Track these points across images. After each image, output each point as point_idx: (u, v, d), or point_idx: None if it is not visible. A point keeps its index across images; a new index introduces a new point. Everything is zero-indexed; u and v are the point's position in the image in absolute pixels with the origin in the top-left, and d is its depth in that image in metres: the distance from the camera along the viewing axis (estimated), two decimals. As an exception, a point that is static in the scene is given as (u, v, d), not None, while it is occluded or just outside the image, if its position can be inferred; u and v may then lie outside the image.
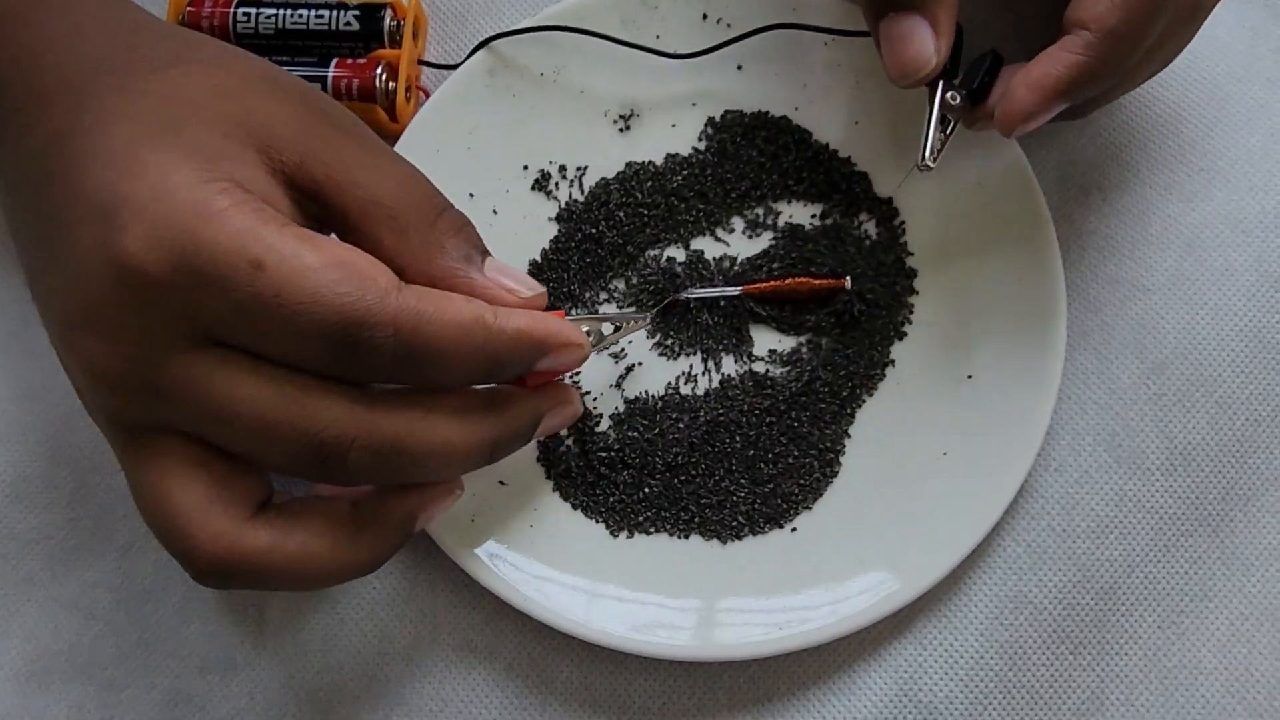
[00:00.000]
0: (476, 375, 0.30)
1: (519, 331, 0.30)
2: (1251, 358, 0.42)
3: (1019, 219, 0.42)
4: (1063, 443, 0.41)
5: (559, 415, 0.35)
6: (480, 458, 0.31)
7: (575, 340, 0.32)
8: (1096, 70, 0.34)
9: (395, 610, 0.40)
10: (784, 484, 0.41)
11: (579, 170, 0.44)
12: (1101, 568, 0.40)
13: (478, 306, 0.30)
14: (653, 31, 0.45)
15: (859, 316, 0.42)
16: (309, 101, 0.32)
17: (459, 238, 0.32)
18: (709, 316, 0.42)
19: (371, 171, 0.31)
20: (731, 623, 0.38)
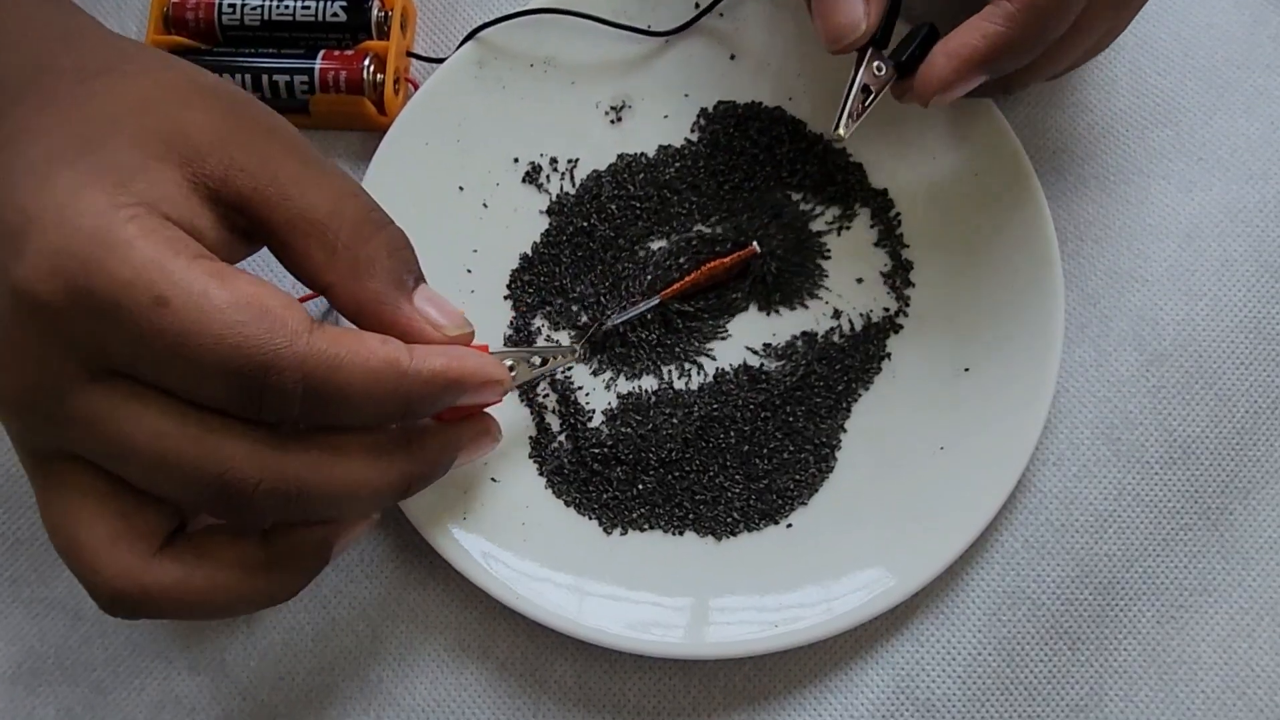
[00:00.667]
0: (390, 417, 0.29)
1: (433, 374, 0.29)
2: (1251, 349, 0.41)
3: (1016, 210, 0.41)
4: (1061, 436, 0.41)
5: (477, 448, 0.34)
6: (393, 495, 0.31)
7: (495, 377, 0.31)
8: (1015, 42, 0.34)
9: (387, 610, 0.40)
10: (779, 479, 0.40)
11: (570, 162, 0.44)
12: (1100, 562, 0.40)
13: (392, 349, 0.28)
14: (643, 20, 0.44)
15: (778, 274, 0.42)
16: (239, 110, 0.30)
17: (392, 260, 0.31)
18: (640, 333, 0.42)
19: (301, 184, 0.30)
20: (727, 620, 0.38)
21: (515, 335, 0.42)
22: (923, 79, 0.35)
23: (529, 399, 0.41)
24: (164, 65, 0.32)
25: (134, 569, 0.28)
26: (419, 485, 0.31)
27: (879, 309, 0.42)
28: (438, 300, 0.31)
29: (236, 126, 0.30)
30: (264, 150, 0.30)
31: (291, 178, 0.29)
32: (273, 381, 0.26)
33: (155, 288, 0.26)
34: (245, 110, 0.31)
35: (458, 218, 0.43)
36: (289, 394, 0.27)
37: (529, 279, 0.43)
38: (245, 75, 0.44)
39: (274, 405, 0.27)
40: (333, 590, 0.40)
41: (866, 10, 0.35)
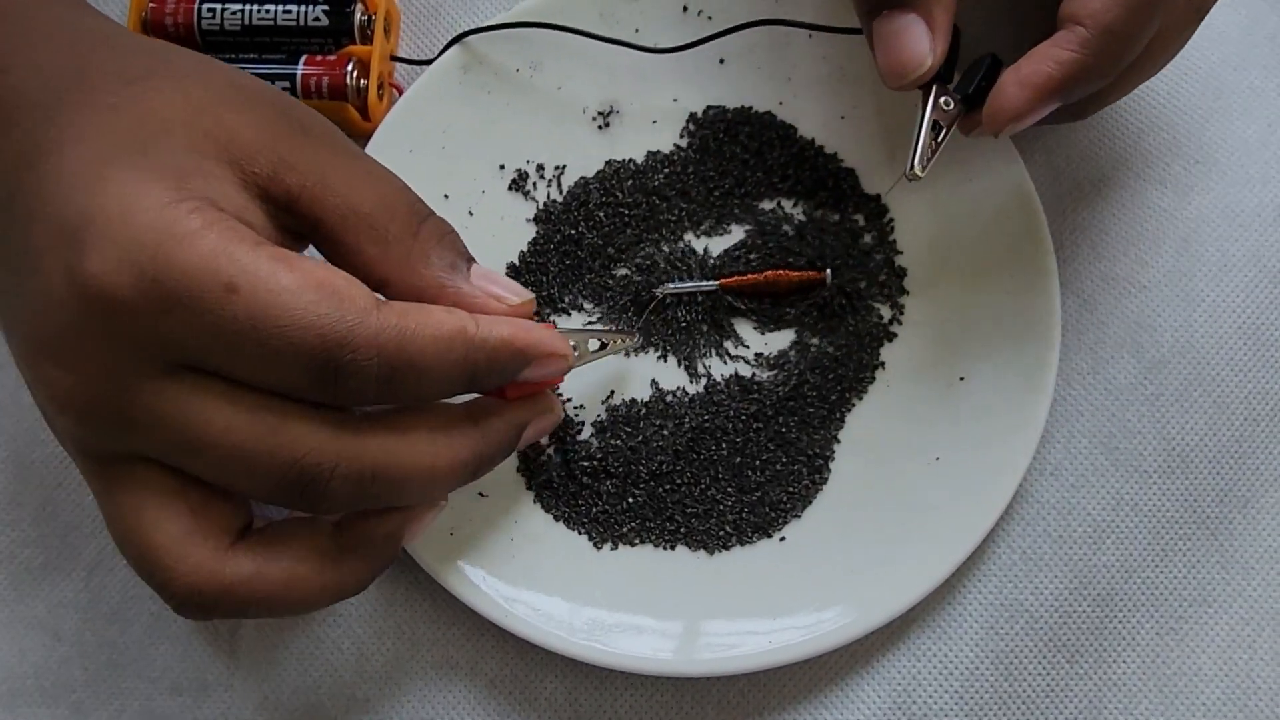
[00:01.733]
0: (458, 387, 0.30)
1: (501, 341, 0.30)
2: (1250, 355, 0.41)
3: (1011, 215, 0.40)
4: (1058, 445, 0.40)
5: (540, 424, 0.34)
6: (464, 475, 0.31)
7: (559, 350, 0.32)
8: (1091, 68, 0.33)
9: (373, 627, 0.39)
10: (772, 492, 0.39)
11: (557, 169, 0.43)
12: (1098, 573, 0.39)
13: (459, 318, 0.29)
14: (632, 25, 0.44)
15: (841, 311, 0.41)
16: (282, 109, 0.31)
17: (442, 246, 0.31)
18: (685, 313, 0.41)
19: (348, 180, 0.30)
20: (719, 637, 0.37)
21: (502, 346, 0.41)
22: (994, 108, 0.34)
23: (517, 411, 0.40)
24: (206, 67, 0.32)
25: (209, 565, 0.28)
26: (487, 465, 0.32)
27: (873, 317, 0.42)
28: (494, 276, 0.32)
29: (283, 127, 0.30)
30: (310, 149, 0.30)
31: (339, 174, 0.30)
32: (348, 359, 0.26)
33: (224, 274, 0.26)
34: (290, 111, 0.31)
35: None
36: (365, 371, 0.27)
37: (516, 288, 0.42)
38: (225, 82, 0.43)
39: (350, 384, 0.27)
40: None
41: (932, 46, 0.34)
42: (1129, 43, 0.33)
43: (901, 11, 0.34)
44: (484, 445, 0.31)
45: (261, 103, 0.31)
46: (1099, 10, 0.32)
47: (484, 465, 0.32)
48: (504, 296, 0.31)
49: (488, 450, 0.31)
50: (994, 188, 0.41)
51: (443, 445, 0.30)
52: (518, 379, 0.31)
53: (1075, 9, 0.33)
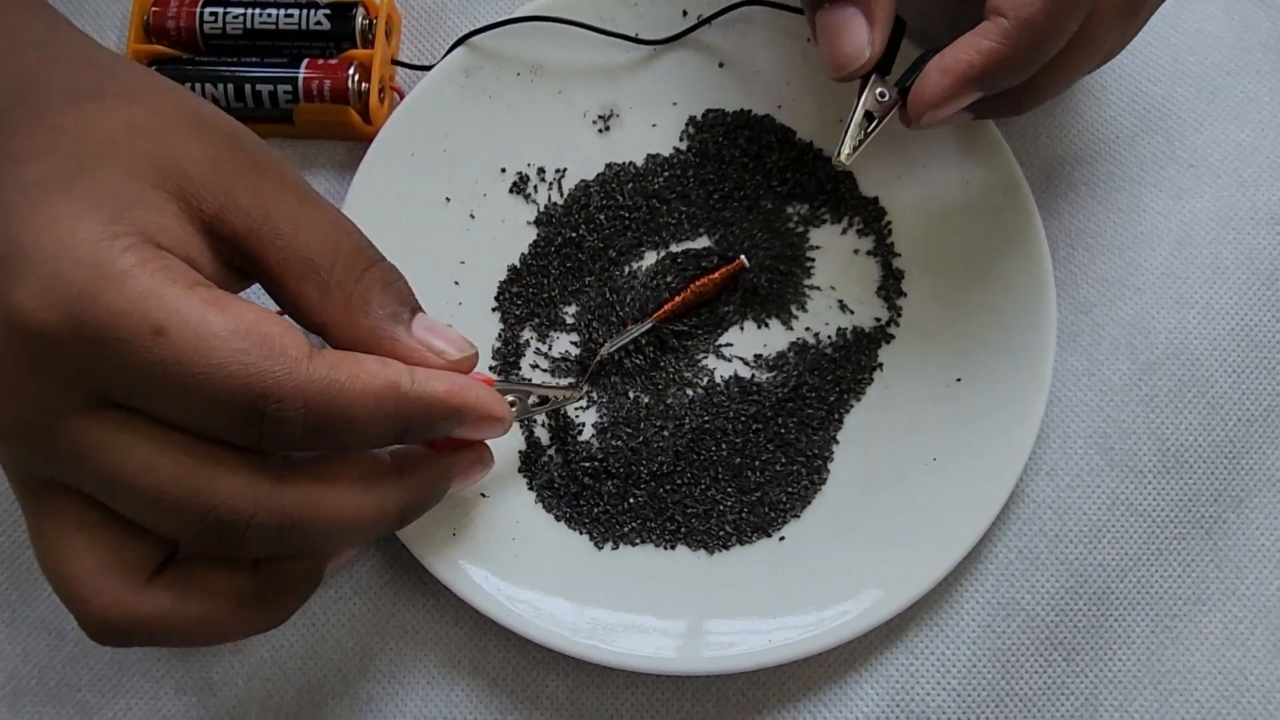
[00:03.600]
0: (388, 440, 0.29)
1: (436, 398, 0.29)
2: (1243, 357, 0.41)
3: (1007, 218, 0.41)
4: (1054, 446, 0.41)
5: (469, 476, 0.34)
6: (387, 525, 0.31)
7: (495, 413, 0.31)
8: (1010, 59, 0.33)
9: (376, 626, 0.39)
10: (771, 492, 0.40)
11: (558, 172, 0.43)
12: (1094, 572, 0.40)
13: (393, 372, 0.29)
14: (631, 28, 0.44)
15: (770, 286, 0.41)
16: (235, 144, 0.30)
17: (385, 293, 0.31)
18: (635, 358, 0.41)
19: (295, 222, 0.30)
20: (719, 635, 0.38)
21: (504, 347, 0.41)
22: (916, 95, 0.35)
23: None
24: (159, 90, 0.31)
25: (124, 599, 0.28)
26: (412, 515, 0.31)
27: (870, 319, 0.42)
28: (438, 328, 0.31)
29: (232, 161, 0.29)
30: (259, 186, 0.29)
31: (286, 216, 0.29)
32: (272, 410, 0.26)
33: (152, 317, 0.25)
34: (240, 144, 0.30)
35: (445, 229, 0.42)
36: (290, 421, 0.27)
37: (517, 290, 0.42)
38: (227, 85, 0.43)
39: (274, 433, 0.27)
40: (321, 607, 0.40)
41: (871, 38, 0.35)
42: (1048, 36, 0.33)
43: (841, 5, 0.35)
44: (409, 496, 0.31)
45: (213, 133, 0.30)
46: (1021, 3, 0.33)
47: (409, 515, 0.31)
48: (444, 351, 0.31)
49: (412, 501, 0.31)
50: (990, 191, 0.41)
51: (365, 497, 0.29)
52: (451, 435, 0.31)
53: (1000, 1, 0.33)
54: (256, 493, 0.27)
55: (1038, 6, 0.33)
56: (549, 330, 0.42)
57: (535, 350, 0.42)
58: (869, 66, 0.36)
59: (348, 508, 0.29)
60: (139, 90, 0.31)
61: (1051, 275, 0.40)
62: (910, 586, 0.38)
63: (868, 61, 0.36)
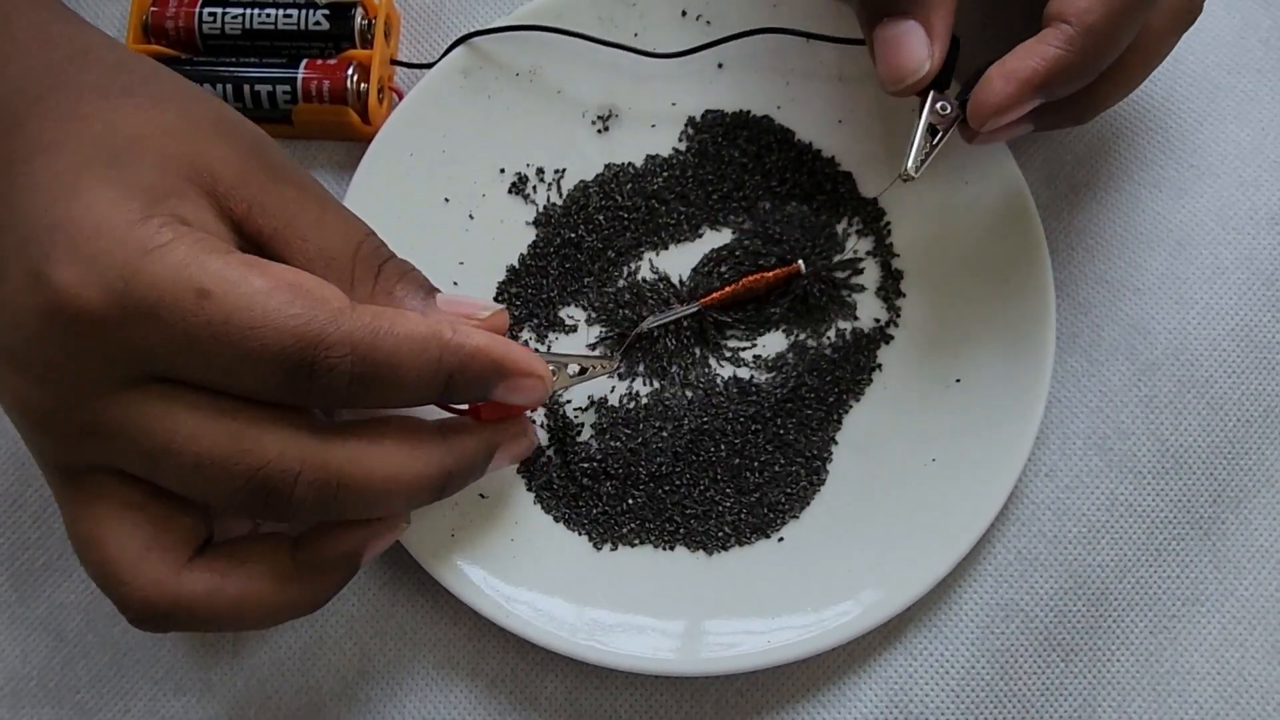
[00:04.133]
0: (433, 393, 0.30)
1: (477, 349, 0.30)
2: (1243, 358, 0.41)
3: (1007, 218, 0.41)
4: (1053, 447, 0.41)
5: (514, 448, 0.34)
6: (430, 491, 0.31)
7: (535, 370, 0.32)
8: (1074, 65, 0.33)
9: (375, 627, 0.39)
10: (770, 493, 0.40)
11: (557, 173, 0.43)
12: (1093, 573, 0.40)
13: (434, 322, 0.29)
14: (631, 29, 0.44)
15: (820, 298, 0.41)
16: (260, 150, 0.31)
17: (405, 282, 0.32)
18: (672, 341, 0.41)
19: (317, 225, 0.31)
20: (718, 636, 0.38)
21: (503, 348, 0.41)
22: (979, 101, 0.34)
23: (517, 413, 0.41)
24: (187, 94, 0.32)
25: (165, 580, 0.28)
26: (455, 484, 0.31)
27: (869, 319, 0.42)
28: (461, 299, 0.32)
29: (258, 165, 0.30)
30: (282, 191, 0.30)
31: (309, 219, 0.30)
32: (321, 359, 0.27)
33: (195, 280, 0.26)
34: (265, 150, 0.31)
35: (444, 229, 0.42)
36: (338, 370, 0.27)
37: (516, 291, 0.42)
38: (226, 85, 0.43)
39: (323, 385, 0.27)
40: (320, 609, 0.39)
41: (930, 51, 0.35)
42: (1112, 41, 0.34)
43: (901, 18, 0.35)
44: (452, 462, 0.31)
45: (239, 138, 0.31)
46: (1084, 9, 0.33)
47: (451, 483, 0.31)
48: (474, 313, 0.32)
49: (456, 467, 0.31)
50: (990, 192, 0.41)
51: (410, 457, 0.30)
52: (493, 396, 0.31)
53: (1061, 7, 0.33)
54: (302, 450, 0.27)
55: (1101, 11, 0.33)
56: (548, 331, 0.42)
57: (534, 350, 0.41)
58: (927, 80, 0.36)
59: (391, 467, 0.29)
60: (168, 92, 0.31)
61: (1051, 276, 0.40)
62: (909, 587, 0.38)
63: (926, 75, 0.35)
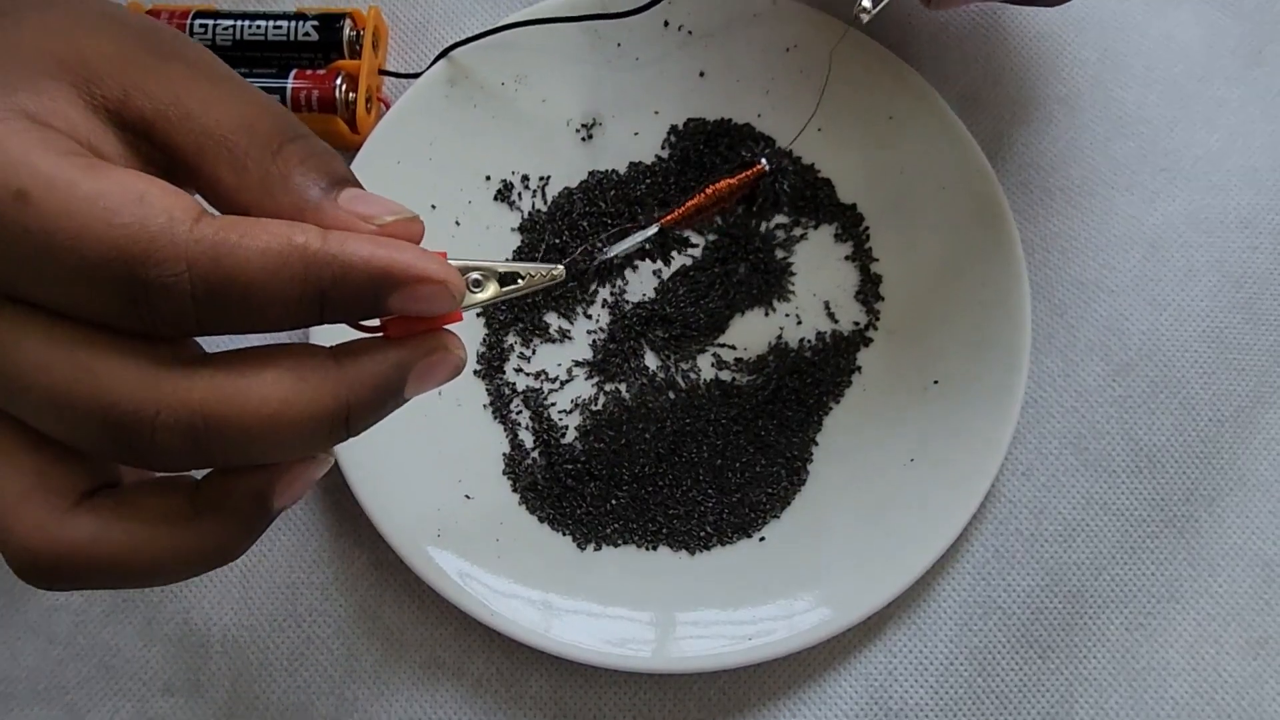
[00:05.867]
0: (305, 314, 0.25)
1: (355, 260, 0.25)
2: (1214, 358, 0.42)
3: (982, 222, 0.42)
4: (1029, 447, 0.41)
5: (433, 369, 0.27)
6: (329, 428, 0.26)
7: (432, 273, 0.25)
8: None
9: (362, 627, 0.40)
10: (752, 493, 0.40)
11: (541, 180, 0.44)
12: (1069, 571, 0.40)
13: (298, 231, 0.25)
14: (614, 39, 0.45)
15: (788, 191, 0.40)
16: (147, 36, 0.28)
17: (306, 167, 0.27)
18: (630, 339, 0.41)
19: (207, 102, 0.27)
20: (701, 634, 0.38)
21: (488, 351, 0.42)
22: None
23: (502, 415, 0.41)
24: None
25: (45, 525, 0.25)
26: (360, 418, 0.26)
27: (849, 323, 0.43)
28: (371, 198, 0.27)
29: (141, 51, 0.27)
30: (168, 72, 0.27)
31: (197, 97, 0.27)
32: (153, 276, 0.23)
33: (15, 181, 0.23)
34: (154, 36, 0.28)
35: (430, 236, 0.41)
36: (175, 290, 0.23)
37: (502, 296, 0.43)
38: (217, 95, 0.44)
39: (162, 307, 0.24)
40: (308, 609, 0.40)
41: None
42: None
43: None
44: (351, 390, 0.26)
45: (123, 26, 0.28)
46: None
47: (356, 416, 0.26)
48: (373, 216, 0.27)
49: (357, 397, 0.26)
50: (966, 197, 0.42)
51: (294, 390, 0.25)
52: (389, 310, 0.26)
53: None
54: (159, 387, 0.24)
55: None
56: (532, 336, 0.42)
57: (519, 355, 0.42)
58: None
59: (272, 403, 0.25)
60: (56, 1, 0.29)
61: (1027, 279, 0.41)
62: (888, 585, 0.38)
63: None
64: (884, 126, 0.44)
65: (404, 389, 0.27)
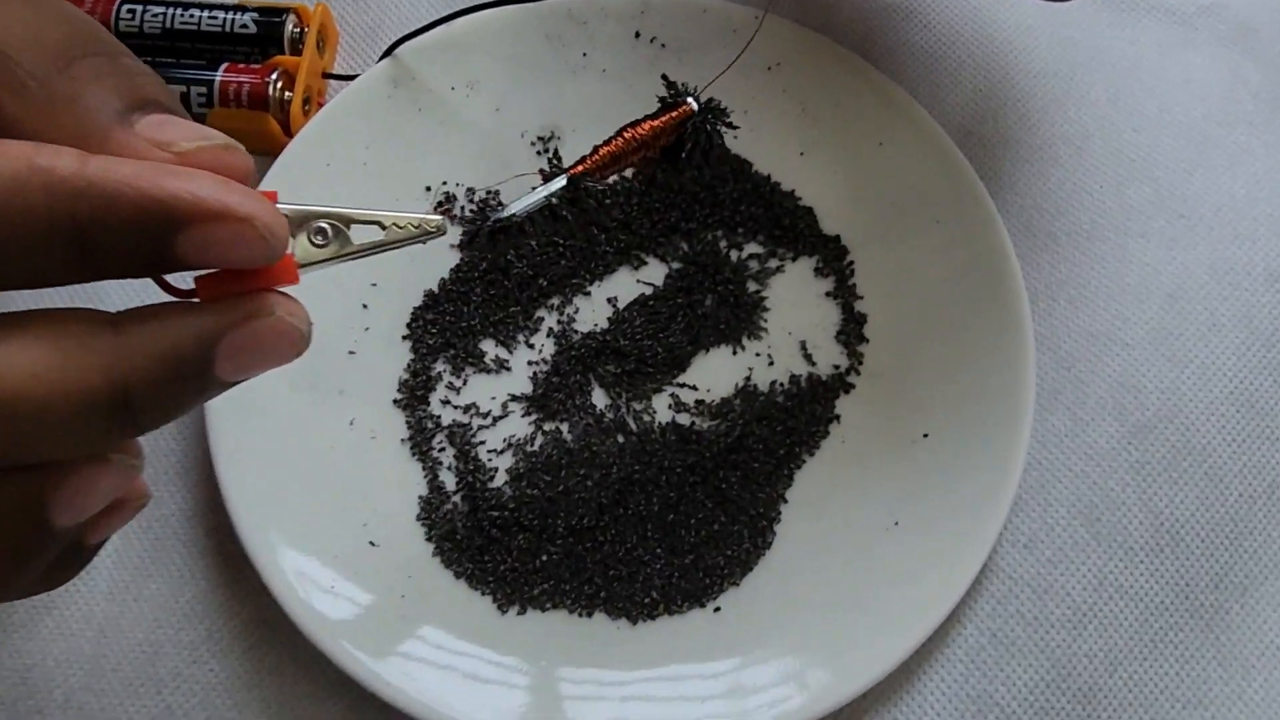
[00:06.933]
0: (62, 262, 0.20)
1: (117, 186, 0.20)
2: (1243, 425, 0.37)
3: (981, 260, 0.37)
4: (1033, 515, 0.36)
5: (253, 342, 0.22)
6: (106, 412, 0.21)
7: (234, 209, 0.20)
8: None
9: (234, 698, 0.33)
10: (707, 555, 0.35)
11: (489, 194, 0.39)
12: (1079, 664, 0.34)
13: (41, 152, 0.20)
14: (579, 48, 0.41)
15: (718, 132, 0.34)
16: None
17: (99, 85, 0.22)
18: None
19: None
20: (642, 718, 0.32)
21: (411, 380, 0.37)
22: None
23: (422, 452, 0.36)
24: None
25: None
26: (148, 402, 0.21)
27: (828, 366, 0.38)
28: (175, 121, 0.22)
29: None
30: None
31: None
32: None
33: None
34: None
35: None
36: None
37: (433, 318, 0.38)
38: (133, 84, 0.39)
39: None
40: (170, 673, 0.34)
41: None
42: None
43: None
44: (129, 364, 0.21)
45: None
46: None
47: (141, 399, 0.21)
48: (171, 142, 0.22)
49: (138, 372, 0.21)
50: (963, 232, 0.38)
51: (45, 359, 0.20)
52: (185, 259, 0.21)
53: None
54: None
55: None
56: (464, 364, 0.37)
57: (448, 385, 0.37)
58: None
59: (22, 371, 0.20)
60: None
61: (1030, 324, 0.36)
62: (865, 671, 0.32)
63: None
64: (873, 153, 0.40)
65: (212, 367, 0.21)
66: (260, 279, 0.21)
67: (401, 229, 0.23)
